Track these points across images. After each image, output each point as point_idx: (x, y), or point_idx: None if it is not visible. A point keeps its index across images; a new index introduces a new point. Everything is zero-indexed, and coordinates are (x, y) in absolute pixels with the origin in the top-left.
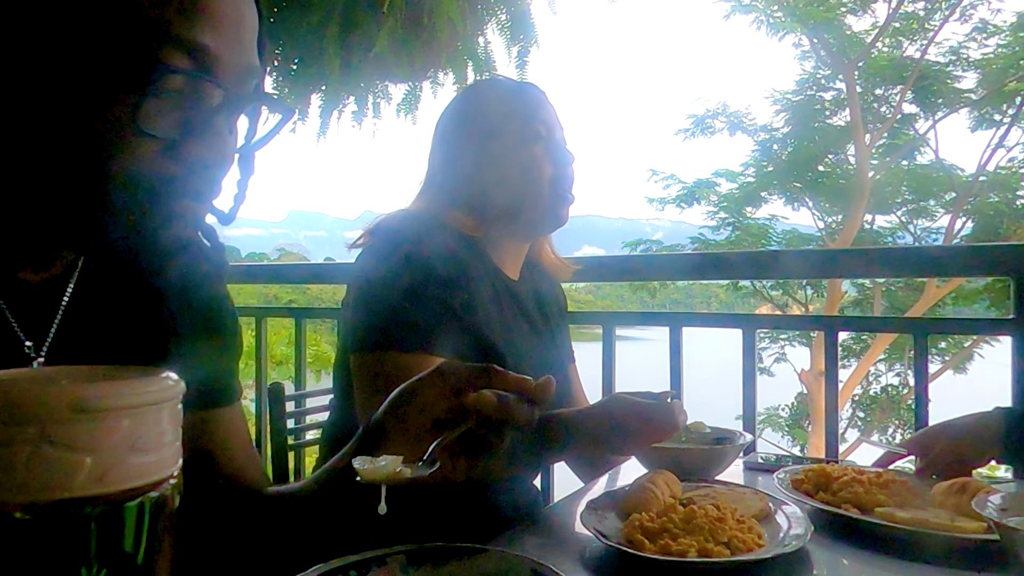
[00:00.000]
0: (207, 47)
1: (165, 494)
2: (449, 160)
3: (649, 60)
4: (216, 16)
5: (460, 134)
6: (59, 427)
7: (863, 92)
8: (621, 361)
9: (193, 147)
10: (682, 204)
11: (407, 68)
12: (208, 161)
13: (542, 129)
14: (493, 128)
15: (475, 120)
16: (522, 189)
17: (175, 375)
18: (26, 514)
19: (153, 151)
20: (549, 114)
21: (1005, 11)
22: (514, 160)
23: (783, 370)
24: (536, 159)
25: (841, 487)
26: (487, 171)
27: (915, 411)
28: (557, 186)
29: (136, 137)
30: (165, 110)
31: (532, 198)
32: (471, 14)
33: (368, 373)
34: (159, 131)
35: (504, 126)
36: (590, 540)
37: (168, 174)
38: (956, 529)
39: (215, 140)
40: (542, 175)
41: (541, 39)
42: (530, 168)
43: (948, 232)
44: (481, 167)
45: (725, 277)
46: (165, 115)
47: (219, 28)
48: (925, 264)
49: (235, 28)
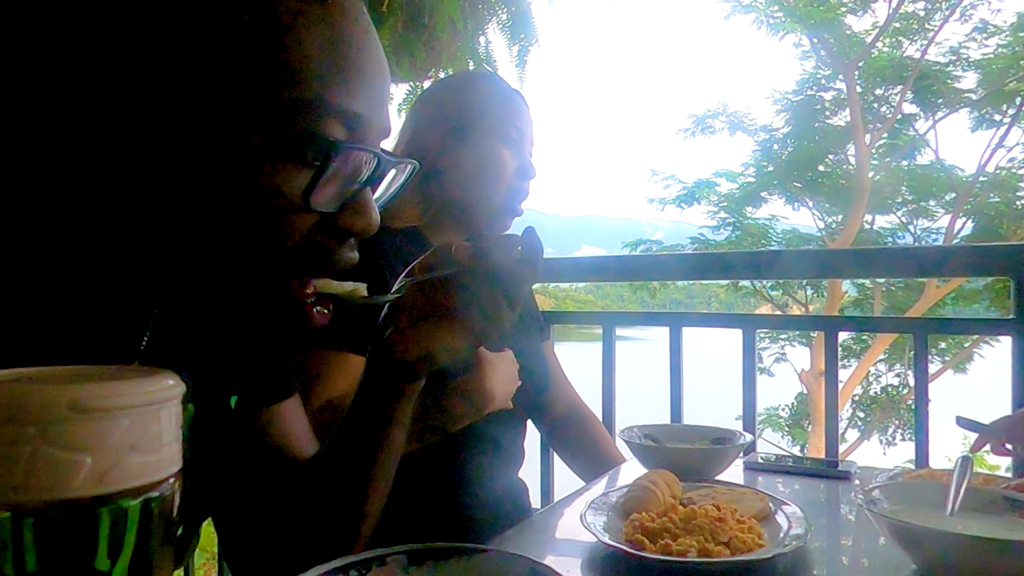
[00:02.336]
0: (361, 116)
1: (165, 494)
2: (414, 138)
3: (650, 60)
4: (370, 82)
5: (433, 115)
6: (59, 427)
7: (863, 92)
8: (621, 361)
9: (349, 220)
10: (682, 204)
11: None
12: (360, 232)
13: (515, 134)
14: (468, 118)
15: (451, 105)
16: (479, 185)
17: (175, 375)
18: (26, 514)
19: (311, 226)
20: (525, 124)
21: (1005, 11)
22: (481, 154)
23: (783, 370)
24: (502, 160)
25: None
26: (450, 157)
27: (915, 411)
28: (511, 197)
29: (303, 215)
30: (325, 185)
31: (485, 199)
32: (472, 13)
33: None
34: (322, 206)
35: (479, 119)
36: (590, 540)
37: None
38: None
39: (369, 210)
40: (502, 179)
41: (542, 38)
42: (493, 167)
43: (948, 232)
44: (446, 154)
45: (725, 277)
46: (325, 190)
47: (371, 94)
48: (925, 264)
49: (381, 91)
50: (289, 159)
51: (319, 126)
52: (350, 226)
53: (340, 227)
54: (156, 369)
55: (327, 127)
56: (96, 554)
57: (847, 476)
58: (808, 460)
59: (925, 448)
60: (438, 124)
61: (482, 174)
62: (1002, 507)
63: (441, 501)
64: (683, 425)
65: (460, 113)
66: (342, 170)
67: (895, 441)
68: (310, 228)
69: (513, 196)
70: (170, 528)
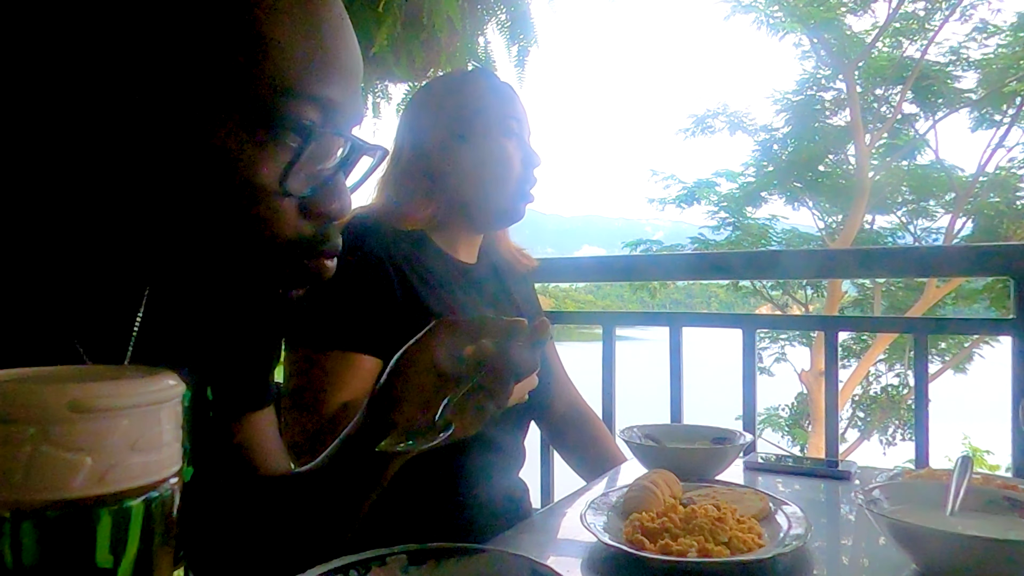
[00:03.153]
0: (336, 102)
1: (165, 494)
2: (416, 144)
3: (650, 60)
4: (343, 68)
5: (432, 120)
6: (59, 427)
7: (863, 92)
8: (621, 361)
9: (323, 204)
10: (682, 204)
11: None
12: (335, 215)
13: (515, 125)
14: (467, 118)
15: (449, 108)
16: (489, 182)
17: (175, 375)
18: (26, 514)
19: (291, 211)
20: (521, 113)
21: (1005, 11)
22: (486, 152)
23: (783, 370)
24: (508, 154)
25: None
26: (455, 159)
27: (915, 411)
28: (522, 184)
29: (279, 199)
30: (300, 169)
31: (497, 192)
32: (471, 13)
33: (298, 371)
34: (296, 190)
35: (478, 117)
36: (590, 540)
37: (303, 234)
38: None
39: (342, 194)
40: (511, 171)
41: (541, 38)
42: (500, 162)
43: (948, 232)
44: (449, 155)
45: (725, 277)
46: (298, 174)
47: (346, 80)
48: (925, 264)
49: (355, 78)
50: (266, 142)
51: (296, 110)
52: (324, 210)
53: (315, 212)
54: (156, 369)
55: (303, 111)
56: (96, 554)
57: (847, 476)
58: (808, 460)
59: (925, 448)
60: (438, 127)
61: (489, 171)
62: (1002, 507)
63: (441, 501)
64: (683, 425)
65: (458, 113)
66: (317, 155)
67: (895, 441)
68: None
69: (525, 184)
70: (170, 528)
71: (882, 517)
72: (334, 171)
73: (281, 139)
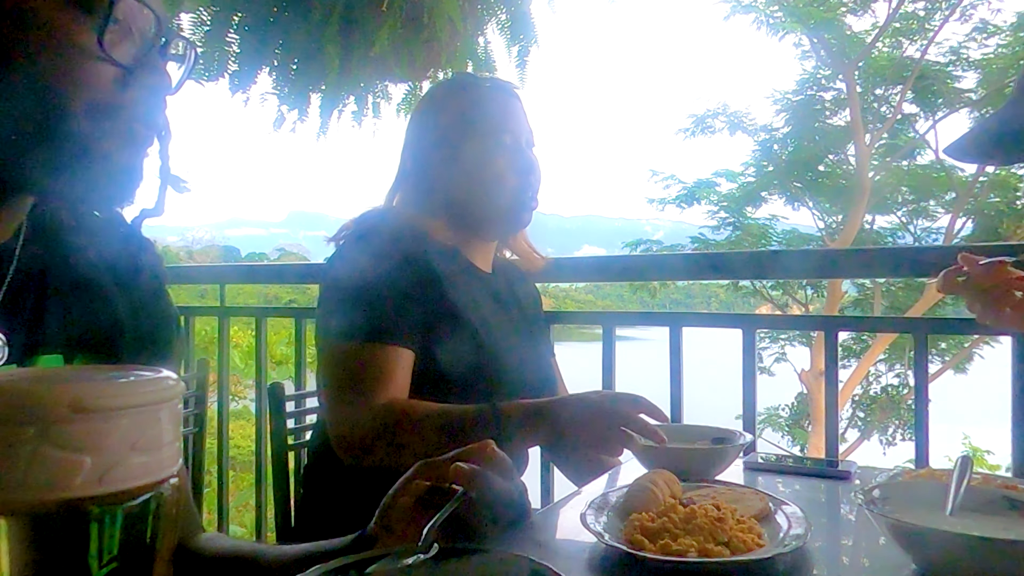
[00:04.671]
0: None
1: (165, 494)
2: (418, 161)
3: (650, 60)
4: None
5: (429, 138)
6: (59, 427)
7: (863, 92)
8: (621, 361)
9: (143, 75)
10: (682, 204)
11: (407, 68)
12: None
13: (508, 139)
14: (460, 137)
15: (443, 126)
16: (484, 198)
17: (175, 375)
18: (26, 514)
19: (110, 79)
20: (517, 121)
21: (1005, 11)
22: (478, 172)
23: (783, 370)
24: (499, 172)
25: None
26: (453, 179)
27: (915, 411)
28: (520, 194)
29: (98, 64)
30: (118, 38)
31: (494, 207)
32: (471, 13)
33: (342, 365)
34: (118, 56)
35: (470, 137)
36: (590, 540)
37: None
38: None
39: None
40: (504, 187)
41: (541, 39)
42: (493, 180)
43: (948, 232)
44: (447, 174)
45: (725, 277)
46: (118, 43)
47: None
48: (925, 264)
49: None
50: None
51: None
52: (144, 83)
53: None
54: (156, 369)
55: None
56: (96, 553)
57: (847, 476)
58: (808, 460)
59: (925, 448)
60: (435, 143)
61: (484, 190)
62: (1002, 507)
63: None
64: (683, 425)
65: (450, 127)
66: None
67: (895, 441)
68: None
69: (522, 193)
70: (170, 527)
71: (882, 517)
72: (149, 47)
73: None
